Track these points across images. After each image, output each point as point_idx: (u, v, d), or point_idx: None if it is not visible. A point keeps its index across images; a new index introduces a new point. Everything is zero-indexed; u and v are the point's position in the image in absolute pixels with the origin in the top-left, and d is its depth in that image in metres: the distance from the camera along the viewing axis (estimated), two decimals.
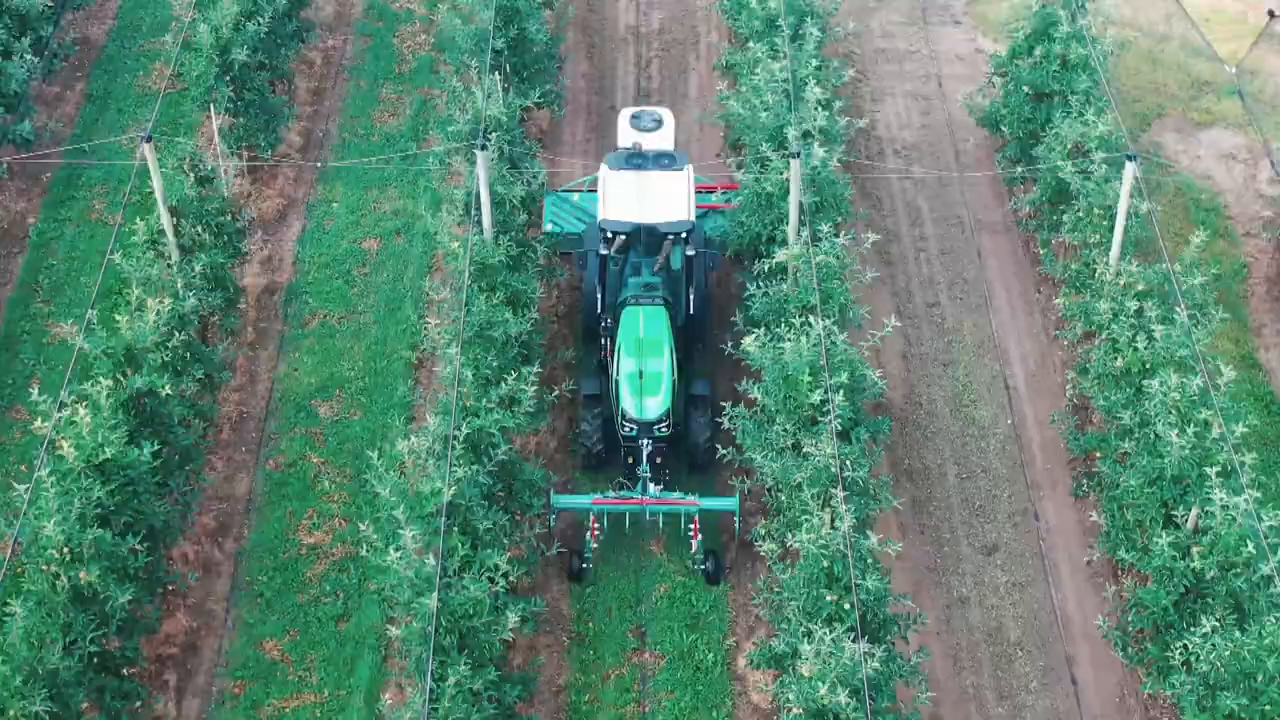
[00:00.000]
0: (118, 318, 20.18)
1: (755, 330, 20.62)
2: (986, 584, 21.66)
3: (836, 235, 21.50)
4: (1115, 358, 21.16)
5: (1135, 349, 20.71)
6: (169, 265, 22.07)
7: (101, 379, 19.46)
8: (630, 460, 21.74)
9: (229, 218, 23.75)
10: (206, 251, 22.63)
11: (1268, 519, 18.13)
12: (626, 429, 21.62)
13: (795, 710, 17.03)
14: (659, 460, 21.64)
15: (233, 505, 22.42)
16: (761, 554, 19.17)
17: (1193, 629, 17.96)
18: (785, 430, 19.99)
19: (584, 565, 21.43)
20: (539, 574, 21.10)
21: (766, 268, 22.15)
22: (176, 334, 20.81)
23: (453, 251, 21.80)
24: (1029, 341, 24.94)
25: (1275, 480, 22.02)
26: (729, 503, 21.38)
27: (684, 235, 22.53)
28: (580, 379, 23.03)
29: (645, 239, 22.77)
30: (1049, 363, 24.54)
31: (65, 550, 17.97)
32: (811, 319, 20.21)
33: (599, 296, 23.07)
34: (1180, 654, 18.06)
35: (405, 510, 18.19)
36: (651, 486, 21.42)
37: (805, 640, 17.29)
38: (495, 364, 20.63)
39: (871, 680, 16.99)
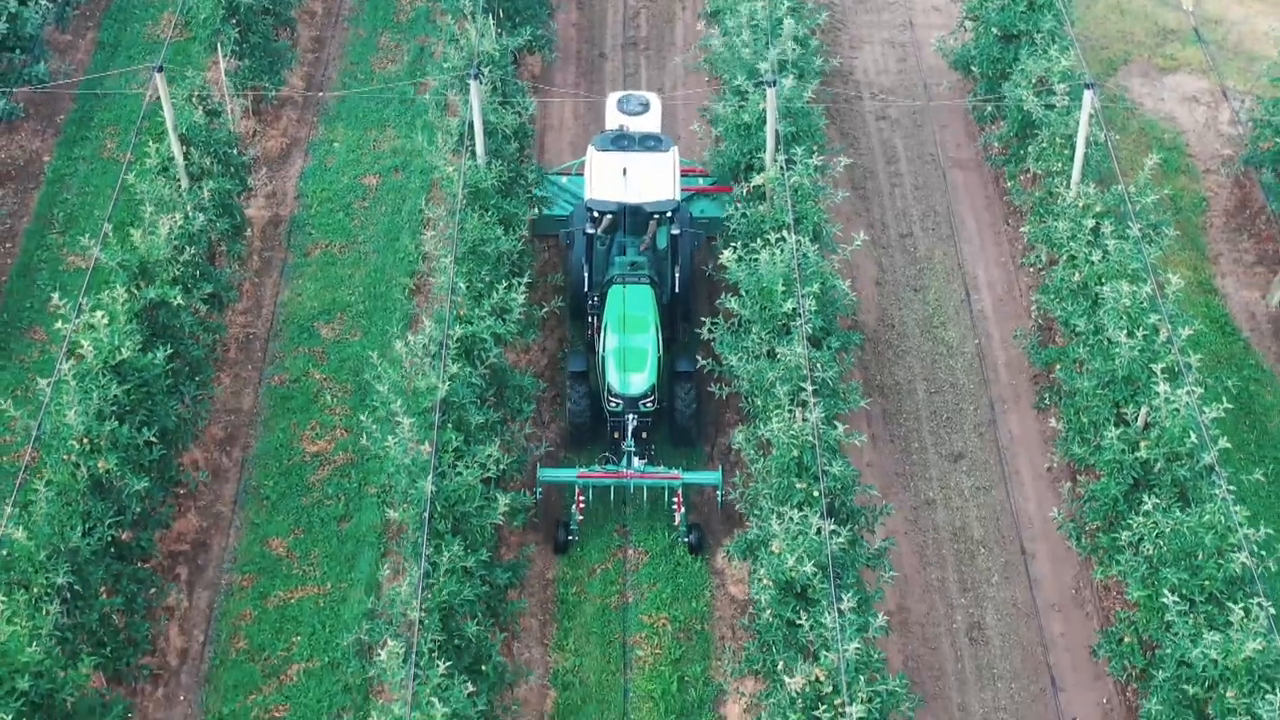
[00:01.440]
0: (132, 231, 21.44)
1: (733, 244, 21.91)
2: (952, 488, 22.94)
3: (810, 158, 22.76)
4: (1073, 273, 22.44)
5: (1090, 263, 21.97)
6: (179, 190, 23.32)
7: (118, 286, 20.77)
8: (615, 435, 22.22)
9: (235, 151, 25.01)
10: (214, 178, 23.88)
11: (1210, 411, 19.46)
12: (612, 404, 22.13)
13: (765, 582, 18.36)
14: (644, 435, 22.14)
15: (239, 417, 23.69)
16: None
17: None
18: (760, 338, 21.25)
19: (570, 537, 22.00)
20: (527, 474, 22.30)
21: (744, 191, 23.43)
22: (187, 249, 22.07)
23: (448, 175, 23.02)
24: (996, 269, 26.21)
25: (1221, 384, 23.16)
26: (712, 477, 22.07)
27: (669, 214, 23.11)
28: (568, 356, 23.59)
29: (631, 218, 23.35)
30: (1015, 289, 25.80)
31: (85, 440, 19.26)
32: (785, 234, 21.48)
33: (586, 275, 23.65)
34: (1127, 536, 19.36)
35: (403, 405, 19.47)
36: (636, 460, 21.91)
37: (776, 521, 18.60)
38: (488, 279, 21.86)
39: (837, 559, 18.25)
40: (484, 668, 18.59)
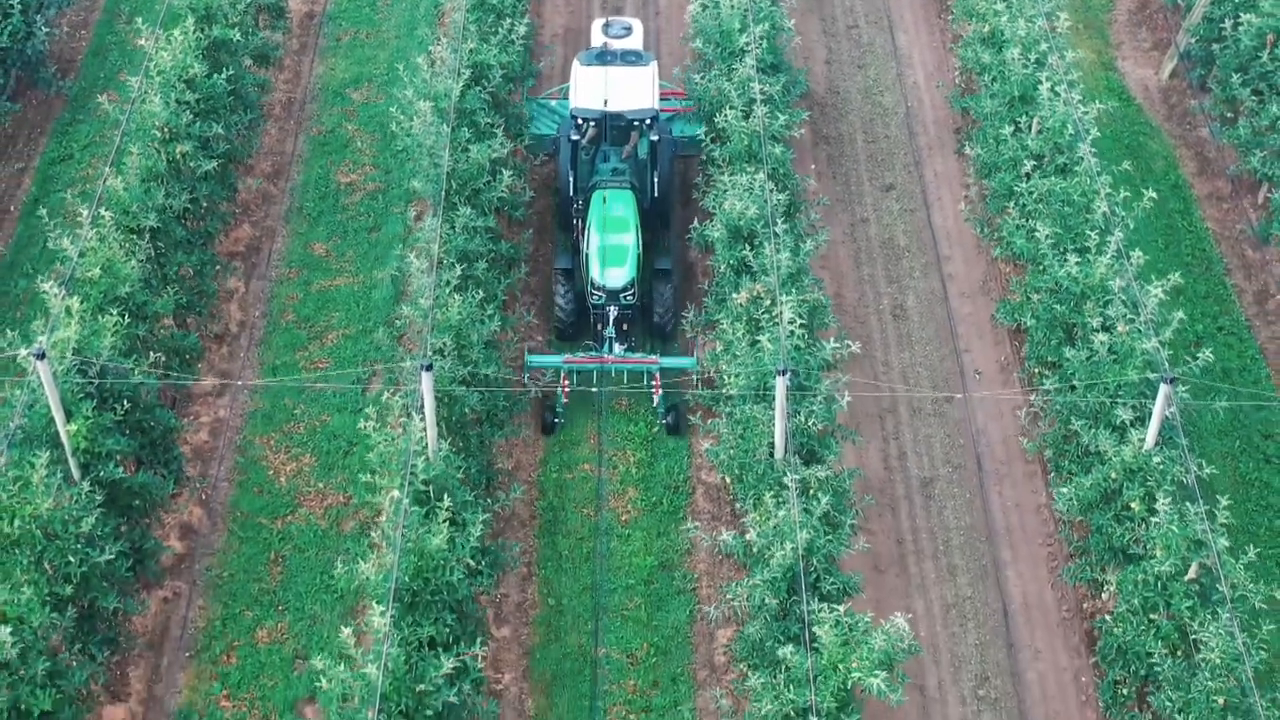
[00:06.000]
0: None
1: None
2: (883, 210, 27.30)
3: None
4: (984, 25, 26.79)
5: (995, 12, 26.31)
6: None
7: (189, 20, 25.10)
8: (599, 326, 23.98)
9: None
10: None
11: (1086, 109, 23.83)
12: (595, 297, 23.86)
13: (719, 228, 22.68)
14: (624, 326, 23.93)
15: (283, 158, 28.05)
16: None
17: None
18: (721, 71, 25.61)
19: (556, 420, 23.86)
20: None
21: None
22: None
23: None
24: (929, 52, 30.59)
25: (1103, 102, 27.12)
26: (687, 362, 23.68)
27: (648, 121, 24.95)
28: (555, 256, 25.53)
29: (612, 127, 25.22)
30: (944, 67, 30.17)
31: (165, 129, 23.60)
32: None
33: (571, 181, 25.17)
34: (1016, 211, 23.73)
35: (425, 103, 23.82)
36: (617, 347, 23.67)
37: (729, 183, 22.95)
38: (494, 25, 26.17)
39: (777, 212, 22.50)
40: (490, 308, 22.85)
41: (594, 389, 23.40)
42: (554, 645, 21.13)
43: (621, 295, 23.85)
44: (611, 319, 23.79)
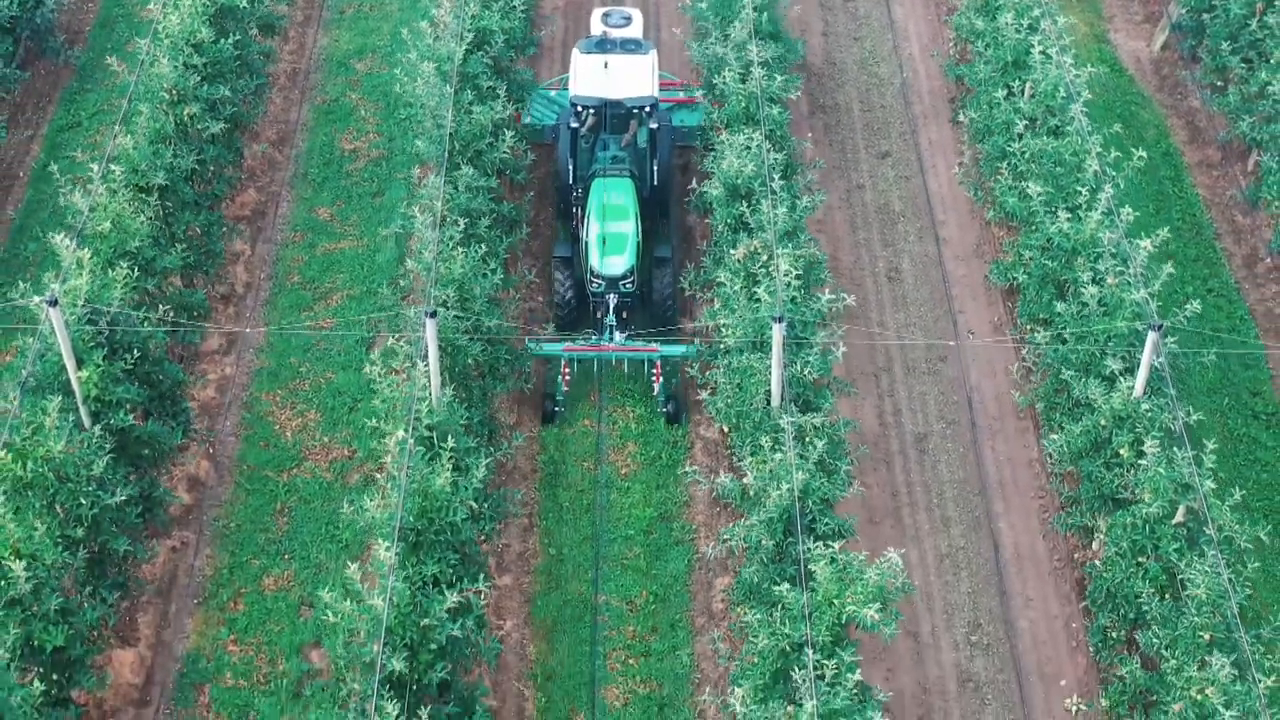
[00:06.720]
0: None
1: None
2: (879, 176, 27.72)
3: None
4: None
5: None
6: None
7: None
8: (599, 314, 24.03)
9: None
10: None
11: (1078, 72, 24.25)
12: (595, 285, 23.86)
13: (717, 186, 23.10)
14: (624, 314, 23.97)
15: (289, 126, 28.47)
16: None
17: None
18: (716, 38, 26.03)
19: (556, 408, 23.93)
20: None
21: None
22: None
23: None
24: (925, 25, 31.02)
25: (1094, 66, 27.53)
26: (686, 350, 23.57)
27: (647, 109, 25.00)
28: (554, 245, 25.55)
29: (612, 115, 25.32)
30: (939, 39, 30.60)
31: (173, 92, 24.02)
32: None
33: (570, 169, 25.16)
34: (1008, 172, 24.15)
35: (429, 64, 24.25)
36: (616, 334, 23.75)
37: (727, 143, 23.36)
38: None
39: (773, 169, 22.89)
40: (492, 263, 23.28)
41: (593, 336, 23.82)
42: (555, 593, 21.55)
43: (621, 283, 23.86)
44: (611, 307, 23.83)
